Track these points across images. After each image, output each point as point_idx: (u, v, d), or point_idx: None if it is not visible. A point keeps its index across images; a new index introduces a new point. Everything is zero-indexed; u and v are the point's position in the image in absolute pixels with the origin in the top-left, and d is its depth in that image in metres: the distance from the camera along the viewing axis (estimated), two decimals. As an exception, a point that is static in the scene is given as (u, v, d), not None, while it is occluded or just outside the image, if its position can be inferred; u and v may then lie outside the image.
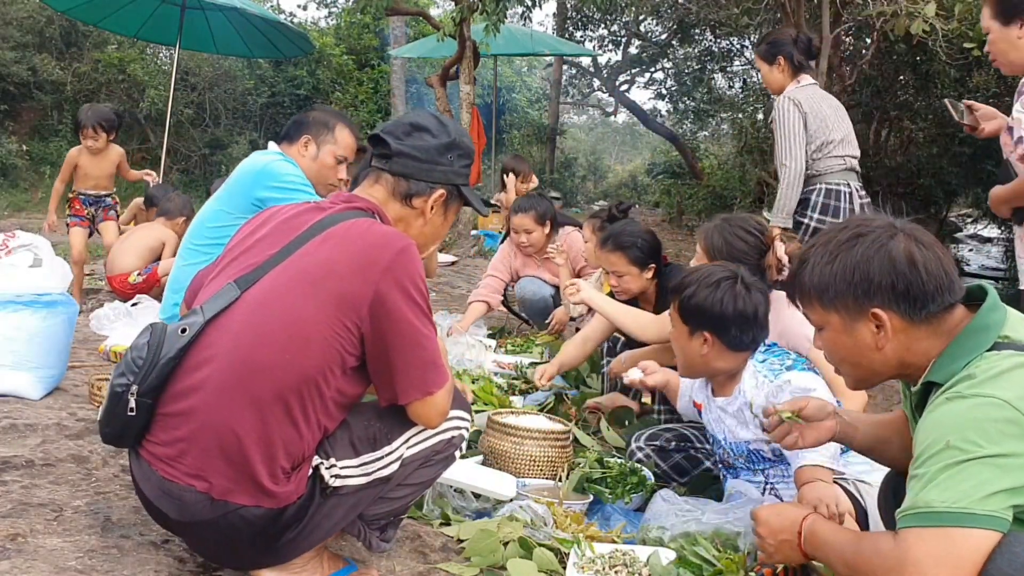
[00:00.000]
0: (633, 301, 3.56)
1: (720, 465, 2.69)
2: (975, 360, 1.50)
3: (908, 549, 1.40)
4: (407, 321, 1.73)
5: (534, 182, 6.67)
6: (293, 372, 1.67)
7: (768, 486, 2.51)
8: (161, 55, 15.12)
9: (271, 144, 3.16)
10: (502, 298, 5.17)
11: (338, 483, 1.76)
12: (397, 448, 1.83)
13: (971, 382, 1.46)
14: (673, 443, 2.87)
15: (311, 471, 1.74)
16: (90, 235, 5.89)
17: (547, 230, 4.86)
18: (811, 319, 1.70)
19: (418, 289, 1.75)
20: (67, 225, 5.84)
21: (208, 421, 1.67)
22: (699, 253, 2.91)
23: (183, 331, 1.71)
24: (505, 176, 6.61)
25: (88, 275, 6.29)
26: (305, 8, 37.01)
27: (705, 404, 2.65)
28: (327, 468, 1.74)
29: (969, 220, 14.88)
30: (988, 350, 1.50)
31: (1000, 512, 1.37)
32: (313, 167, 3.08)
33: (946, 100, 3.24)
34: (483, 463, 2.78)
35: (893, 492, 1.83)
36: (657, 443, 2.87)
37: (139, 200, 6.56)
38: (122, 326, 4.22)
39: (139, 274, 5.22)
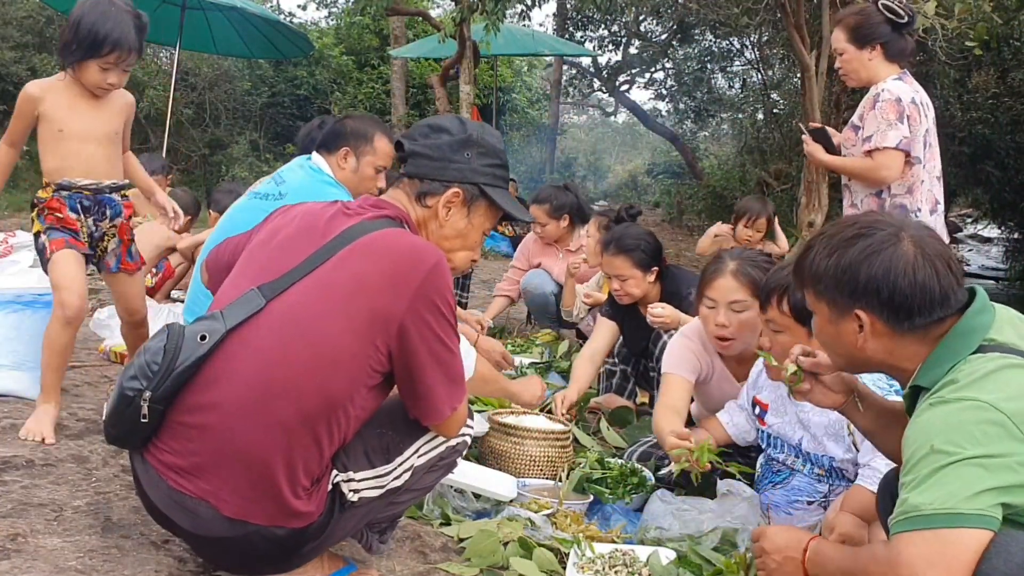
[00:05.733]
0: (634, 305, 3.55)
1: (770, 466, 2.54)
2: (959, 364, 1.50)
3: (900, 554, 1.41)
4: (436, 340, 1.71)
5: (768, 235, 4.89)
6: (321, 396, 1.64)
7: (824, 499, 2.40)
8: (161, 55, 15.11)
9: (315, 155, 3.09)
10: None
11: (356, 498, 1.75)
12: (408, 458, 1.83)
13: (954, 386, 1.47)
14: (666, 460, 2.82)
15: (331, 487, 1.73)
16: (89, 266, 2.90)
17: (564, 223, 4.85)
18: (807, 301, 1.73)
19: (448, 304, 1.72)
20: (41, 245, 2.77)
21: (231, 442, 1.63)
22: (745, 300, 2.66)
23: (203, 338, 1.65)
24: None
25: (89, 275, 6.06)
26: (305, 8, 37.03)
27: (774, 405, 2.50)
28: (346, 483, 1.73)
29: (969, 220, 14.89)
30: (972, 353, 1.50)
31: (988, 510, 1.37)
32: (353, 179, 3.07)
33: (798, 124, 3.99)
34: (483, 463, 2.78)
35: (891, 496, 1.83)
36: (650, 462, 2.84)
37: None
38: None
39: (152, 276, 5.09)
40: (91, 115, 2.83)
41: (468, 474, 2.49)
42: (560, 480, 2.73)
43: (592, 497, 2.64)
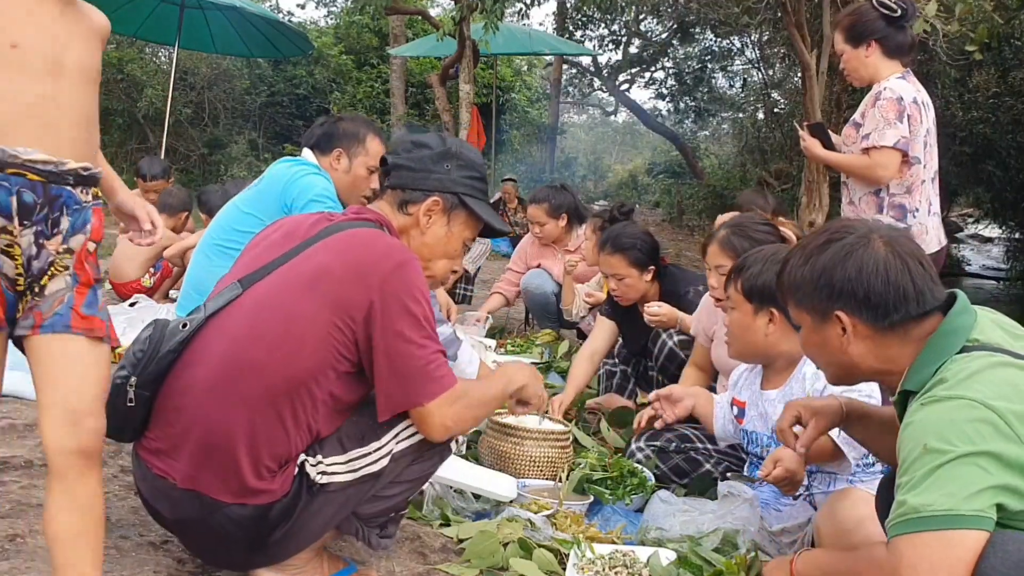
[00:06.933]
0: (634, 304, 3.55)
1: (755, 464, 2.56)
2: (945, 364, 1.51)
3: (901, 556, 1.41)
4: (398, 332, 1.72)
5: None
6: (284, 373, 1.68)
7: (807, 492, 2.42)
8: (160, 55, 15.11)
9: (306, 151, 3.16)
10: (518, 290, 5.18)
11: (324, 480, 1.75)
12: (386, 443, 1.81)
13: (944, 386, 1.48)
14: (673, 444, 2.86)
15: (296, 469, 1.74)
16: None
17: (562, 223, 4.86)
18: (791, 316, 1.75)
19: (416, 300, 1.74)
20: None
21: (198, 418, 1.68)
22: (727, 265, 2.73)
23: (184, 326, 1.75)
24: None
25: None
26: (304, 7, 37.13)
27: (750, 401, 2.55)
28: (313, 465, 1.74)
29: (969, 220, 14.90)
30: (957, 353, 1.52)
31: (986, 511, 1.38)
32: (346, 180, 3.12)
33: (795, 123, 4.04)
34: (483, 463, 2.78)
35: (889, 501, 1.83)
36: (657, 443, 2.86)
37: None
38: (121, 326, 4.21)
39: (150, 276, 5.14)
40: (58, 26, 1.48)
41: (468, 474, 2.48)
42: (560, 481, 2.73)
43: (592, 498, 2.64)
